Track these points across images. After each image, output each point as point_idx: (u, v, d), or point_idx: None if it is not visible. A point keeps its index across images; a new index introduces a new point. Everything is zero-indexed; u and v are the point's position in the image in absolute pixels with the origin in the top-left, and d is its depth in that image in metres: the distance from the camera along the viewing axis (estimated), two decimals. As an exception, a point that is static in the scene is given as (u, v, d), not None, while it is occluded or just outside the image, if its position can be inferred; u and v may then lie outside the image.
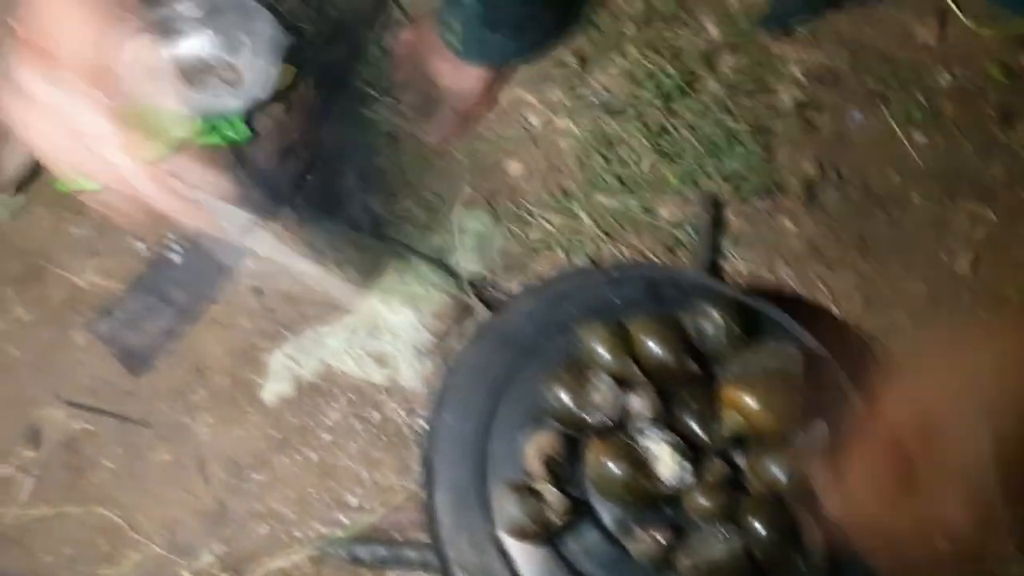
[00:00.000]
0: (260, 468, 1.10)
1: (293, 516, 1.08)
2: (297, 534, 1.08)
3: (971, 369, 0.58)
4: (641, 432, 0.88)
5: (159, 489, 1.09)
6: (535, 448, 0.89)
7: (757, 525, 0.85)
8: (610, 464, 0.87)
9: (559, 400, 0.90)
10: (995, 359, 0.57)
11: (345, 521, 1.07)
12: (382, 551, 1.04)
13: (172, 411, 1.12)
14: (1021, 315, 0.62)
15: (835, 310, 1.17)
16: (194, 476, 1.09)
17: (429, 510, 0.90)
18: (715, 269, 1.15)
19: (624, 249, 1.18)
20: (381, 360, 1.13)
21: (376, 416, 1.12)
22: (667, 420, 0.90)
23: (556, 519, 0.85)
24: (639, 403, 0.90)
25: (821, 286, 1.19)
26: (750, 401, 0.88)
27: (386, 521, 1.07)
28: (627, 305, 0.98)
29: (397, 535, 1.06)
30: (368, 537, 1.06)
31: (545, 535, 0.86)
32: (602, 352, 0.92)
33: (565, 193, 1.21)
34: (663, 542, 0.85)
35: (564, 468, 0.89)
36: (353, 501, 1.09)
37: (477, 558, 0.87)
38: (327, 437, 1.11)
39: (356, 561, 1.04)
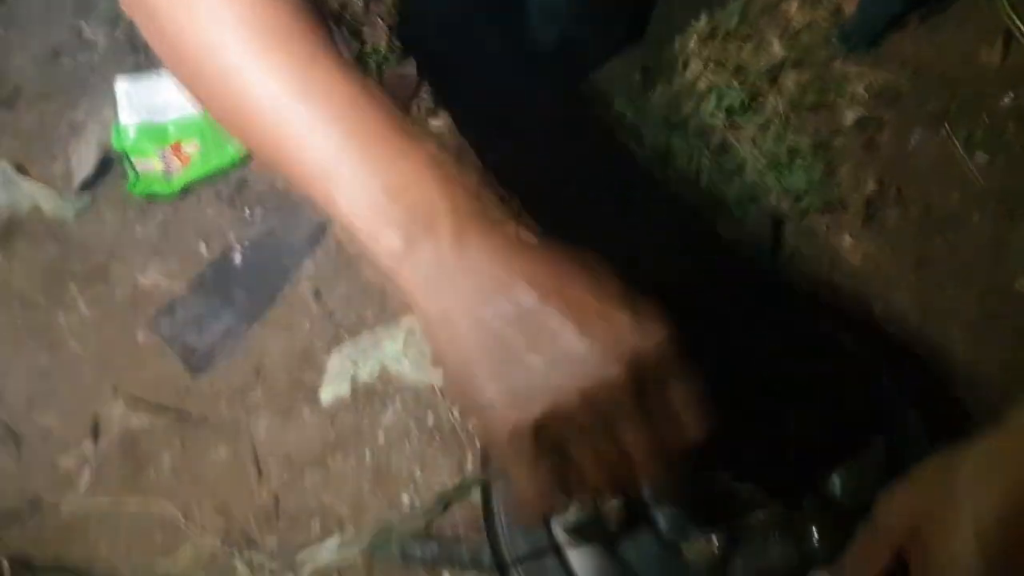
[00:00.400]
0: (315, 466, 1.11)
1: (347, 513, 1.09)
2: (349, 530, 1.08)
3: (969, 489, 0.60)
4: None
5: (215, 484, 1.10)
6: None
7: (815, 535, 0.84)
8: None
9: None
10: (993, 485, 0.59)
11: (397, 520, 1.07)
12: (435, 548, 1.04)
13: (230, 409, 1.13)
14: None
15: (892, 328, 1.16)
16: (250, 472, 1.10)
17: (487, 506, 0.90)
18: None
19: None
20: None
21: (431, 418, 1.13)
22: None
23: (612, 519, 0.85)
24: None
25: (877, 302, 1.18)
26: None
27: (439, 520, 1.07)
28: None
29: (450, 533, 1.06)
30: (421, 535, 1.06)
31: (601, 535, 0.85)
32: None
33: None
34: (718, 546, 0.85)
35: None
36: (406, 500, 1.09)
37: (534, 557, 0.87)
38: (382, 438, 1.12)
39: (407, 559, 1.05)
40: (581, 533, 0.86)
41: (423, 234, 0.57)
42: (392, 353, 1.15)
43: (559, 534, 0.88)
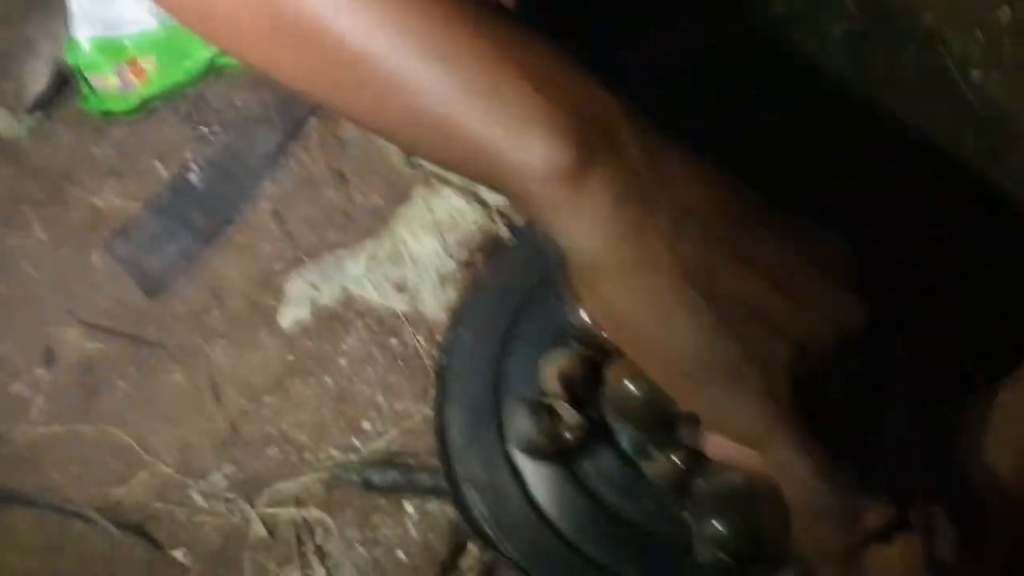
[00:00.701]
0: (274, 392, 1.07)
1: (306, 440, 1.05)
2: (310, 458, 1.04)
3: None
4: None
5: (171, 411, 1.06)
6: (552, 366, 0.85)
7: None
8: (629, 383, 0.82)
9: (580, 319, 0.86)
10: None
11: (359, 446, 1.03)
12: (395, 476, 1.00)
13: (187, 334, 1.09)
14: None
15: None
16: (207, 399, 1.06)
17: (440, 427, 0.86)
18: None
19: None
20: (402, 287, 1.09)
21: (395, 343, 1.08)
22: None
23: (570, 436, 0.81)
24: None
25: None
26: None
27: (401, 447, 1.03)
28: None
29: (412, 461, 1.02)
30: (382, 463, 1.02)
31: (558, 453, 0.81)
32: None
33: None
34: (680, 464, 0.80)
35: (582, 388, 0.85)
36: (368, 427, 1.05)
37: (488, 475, 0.83)
38: (344, 363, 1.08)
39: (368, 486, 1.01)
40: (538, 452, 0.81)
41: (603, 146, 0.46)
42: (354, 276, 1.10)
43: (515, 454, 0.83)
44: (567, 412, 0.82)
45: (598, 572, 0.82)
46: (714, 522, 0.77)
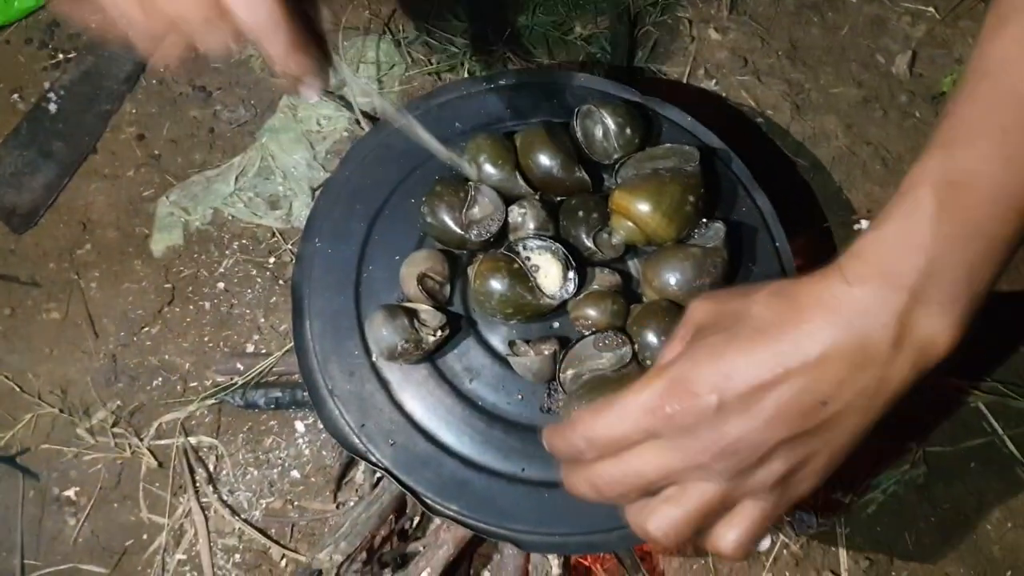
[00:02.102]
0: (152, 321, 1.04)
1: (188, 367, 1.02)
2: (193, 384, 1.02)
3: None
4: (524, 245, 0.81)
5: (50, 348, 1.03)
6: (411, 268, 0.82)
7: (648, 333, 0.78)
8: (492, 280, 0.80)
9: (438, 217, 0.83)
10: None
11: (242, 368, 1.00)
12: (277, 394, 0.98)
13: (59, 268, 1.06)
14: None
15: (760, 120, 1.08)
16: (85, 333, 1.03)
17: (299, 340, 0.83)
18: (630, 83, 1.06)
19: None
20: (274, 202, 1.05)
21: (273, 262, 1.05)
22: (554, 232, 0.83)
23: (433, 338, 0.79)
24: (522, 215, 0.82)
25: (747, 96, 1.10)
26: (640, 205, 0.80)
27: (288, 366, 1.01)
28: (515, 115, 0.90)
29: (297, 378, 1.00)
30: (266, 382, 1.00)
31: (420, 354, 0.79)
32: (485, 165, 0.84)
33: (470, 13, 1.12)
34: (547, 355, 0.78)
35: (443, 287, 0.83)
36: (250, 348, 1.03)
37: (351, 385, 0.81)
38: (222, 286, 1.05)
39: (252, 407, 0.99)
40: (402, 357, 0.79)
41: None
42: (225, 195, 1.06)
43: (379, 361, 0.81)
44: (426, 312, 0.80)
45: (471, 469, 0.81)
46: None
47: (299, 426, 1.01)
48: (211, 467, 1.01)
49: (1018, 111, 0.55)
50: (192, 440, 1.01)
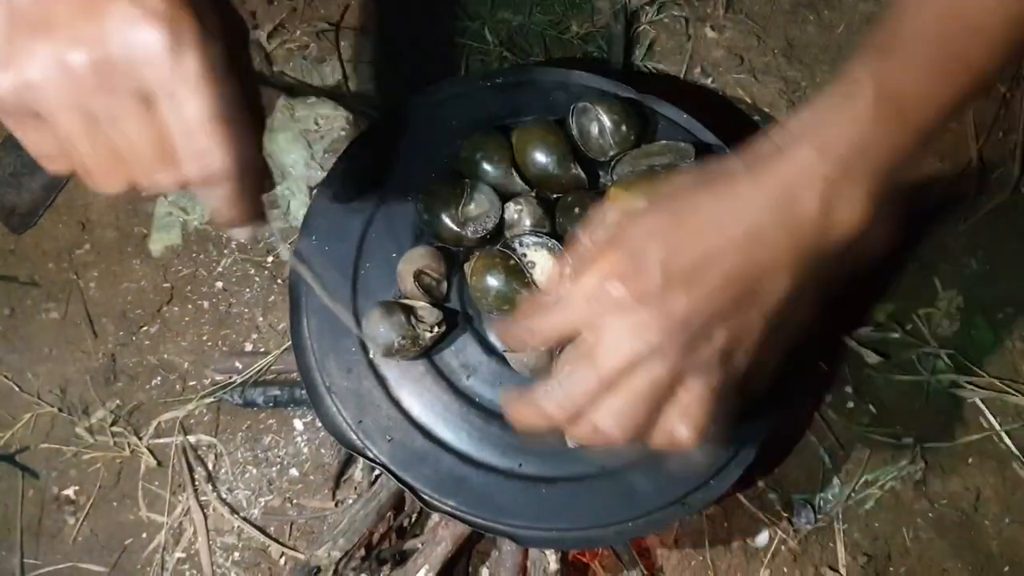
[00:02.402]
0: (151, 320, 1.04)
1: (187, 366, 1.03)
2: (192, 383, 1.02)
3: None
4: (520, 241, 0.81)
5: (49, 348, 1.03)
6: (408, 265, 0.82)
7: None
8: (488, 276, 0.80)
9: (435, 214, 0.83)
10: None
11: (240, 367, 1.00)
12: (276, 392, 0.98)
13: (58, 268, 1.06)
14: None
15: (757, 118, 1.08)
16: (84, 333, 1.04)
17: (297, 338, 0.84)
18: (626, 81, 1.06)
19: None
20: (273, 202, 1.05)
21: (269, 260, 1.06)
22: (551, 229, 0.83)
23: (430, 335, 0.79)
24: (518, 212, 0.83)
25: (743, 94, 1.10)
26: (635, 200, 0.80)
27: (287, 365, 1.01)
28: (513, 112, 0.90)
29: (295, 376, 1.00)
30: (264, 380, 1.00)
31: (418, 350, 0.80)
32: (482, 163, 0.85)
33: (467, 13, 1.12)
34: (543, 351, 0.79)
35: (440, 284, 0.83)
36: (249, 347, 1.03)
37: (348, 382, 0.81)
38: (220, 285, 1.06)
39: (251, 406, 0.99)
40: (394, 350, 0.79)
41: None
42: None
43: (376, 357, 0.81)
44: (423, 308, 0.80)
45: (469, 465, 0.81)
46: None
47: (298, 424, 1.02)
48: (210, 466, 1.01)
49: (956, 21, 0.59)
50: (191, 439, 1.01)
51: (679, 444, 0.58)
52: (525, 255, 0.80)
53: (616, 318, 0.56)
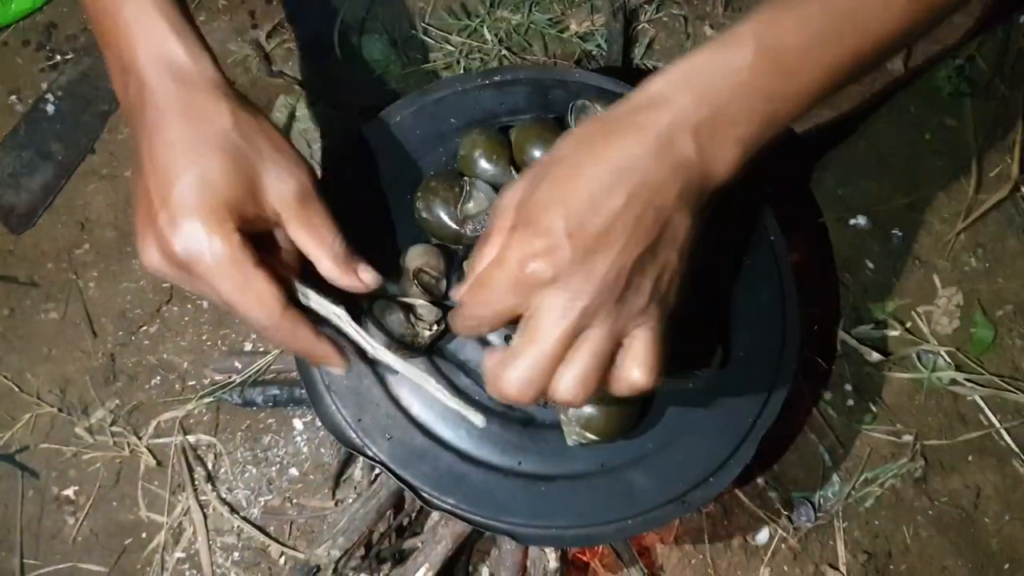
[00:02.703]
0: (150, 320, 1.04)
1: (186, 366, 1.03)
2: (191, 383, 1.02)
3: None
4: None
5: (48, 348, 1.03)
6: (407, 264, 0.82)
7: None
8: (487, 274, 0.79)
9: (433, 213, 0.83)
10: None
11: (240, 366, 1.00)
12: (275, 391, 0.98)
13: (57, 268, 1.06)
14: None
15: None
16: (83, 333, 1.04)
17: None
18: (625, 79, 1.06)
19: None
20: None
21: (270, 259, 1.05)
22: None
23: (426, 331, 0.79)
24: (518, 209, 0.82)
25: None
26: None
27: (286, 364, 1.01)
28: (511, 111, 0.90)
29: (295, 376, 1.00)
30: (264, 380, 1.00)
31: (417, 349, 0.79)
32: (480, 161, 0.85)
33: (466, 11, 1.12)
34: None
35: (439, 282, 0.83)
36: (248, 346, 1.03)
37: (348, 380, 0.81)
38: (220, 284, 1.04)
39: (250, 405, 0.99)
40: (397, 352, 0.79)
41: None
42: (223, 193, 1.06)
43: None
44: (422, 307, 0.80)
45: (468, 463, 0.81)
46: (584, 406, 0.76)
47: (297, 424, 1.02)
48: (210, 465, 1.01)
49: None
50: (191, 439, 1.01)
51: (640, 388, 0.62)
52: (524, 253, 0.80)
53: (545, 297, 0.59)
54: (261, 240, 0.66)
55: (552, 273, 0.59)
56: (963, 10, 1.03)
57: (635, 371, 0.61)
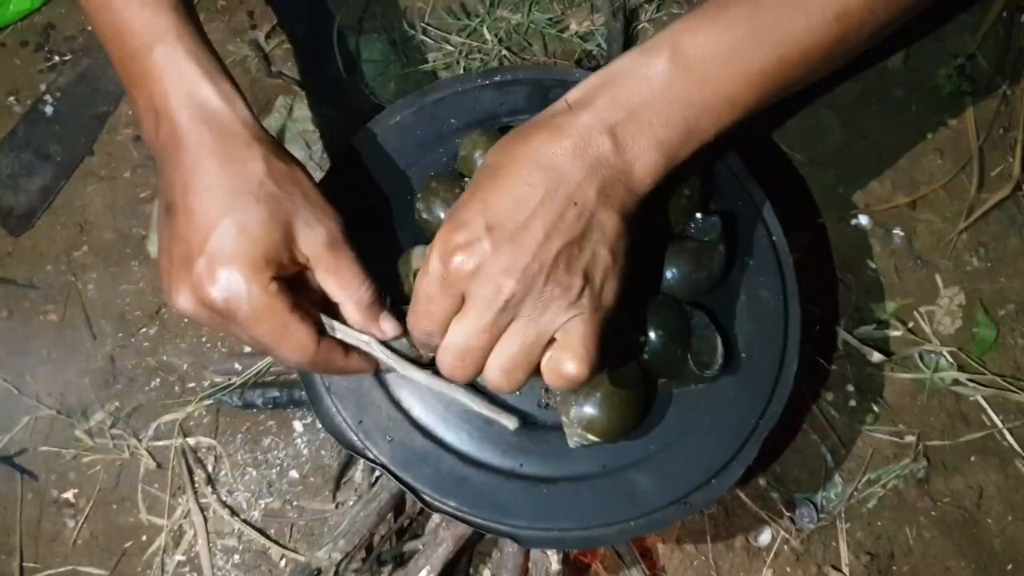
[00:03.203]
0: (150, 322, 1.04)
1: (186, 368, 1.02)
2: (191, 385, 1.02)
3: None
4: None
5: (47, 350, 1.03)
6: (408, 265, 0.82)
7: (648, 328, 0.78)
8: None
9: (434, 214, 0.83)
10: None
11: (240, 368, 1.00)
12: (275, 393, 0.98)
13: (56, 270, 1.05)
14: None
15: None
16: (83, 335, 1.03)
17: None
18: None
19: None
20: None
21: (269, 260, 1.04)
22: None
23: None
24: (519, 210, 0.82)
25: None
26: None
27: (278, 367, 1.00)
28: (511, 111, 0.90)
29: (294, 377, 1.00)
30: (263, 382, 1.00)
31: (418, 353, 0.79)
32: (480, 161, 0.84)
33: (466, 11, 1.12)
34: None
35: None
36: (247, 348, 1.02)
37: (348, 381, 0.81)
38: (220, 286, 1.04)
39: (250, 407, 0.99)
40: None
41: None
42: (222, 195, 1.05)
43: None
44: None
45: (469, 465, 0.81)
46: (585, 407, 0.76)
47: (297, 426, 1.01)
48: (210, 468, 1.01)
49: None
50: (190, 441, 1.01)
51: (571, 379, 0.65)
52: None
53: (470, 287, 0.63)
54: (291, 279, 0.68)
55: (474, 264, 0.62)
56: (966, 9, 1.03)
57: (568, 363, 0.64)
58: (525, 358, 0.65)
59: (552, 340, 0.66)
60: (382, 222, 0.86)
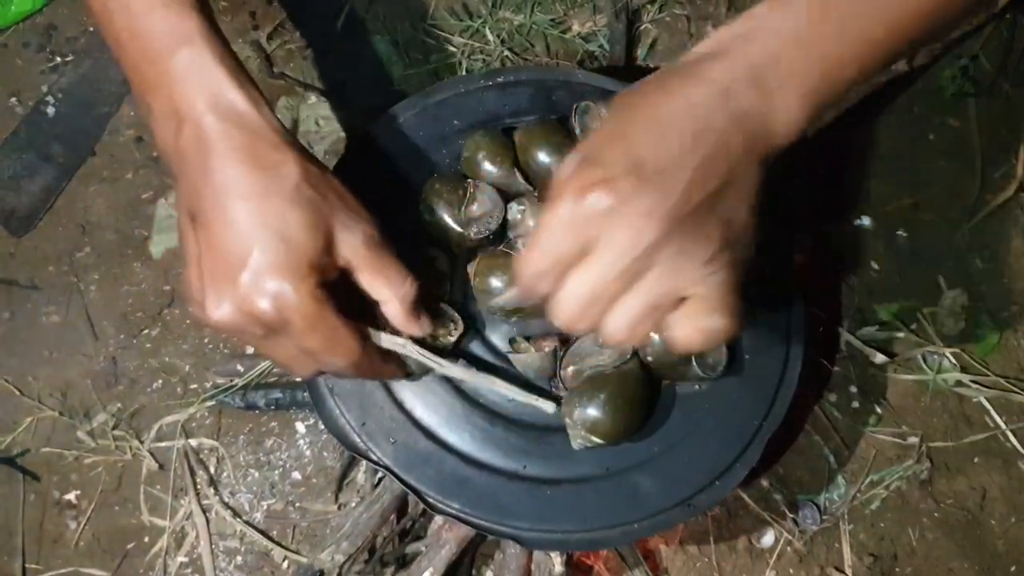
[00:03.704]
0: (152, 323, 1.03)
1: (188, 369, 1.02)
2: (193, 386, 1.02)
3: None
4: (523, 242, 0.81)
5: (49, 351, 1.03)
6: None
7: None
8: (491, 277, 0.80)
9: (437, 215, 0.83)
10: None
11: (242, 369, 1.00)
12: (277, 394, 0.98)
13: (58, 271, 1.05)
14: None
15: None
16: (85, 336, 1.03)
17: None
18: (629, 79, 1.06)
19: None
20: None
21: (272, 261, 1.04)
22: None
23: (448, 336, 0.79)
24: (521, 212, 0.82)
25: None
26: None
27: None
28: (514, 112, 0.89)
29: (296, 379, 0.99)
30: (266, 383, 1.00)
31: (442, 352, 0.79)
32: (484, 163, 0.84)
33: (468, 12, 1.12)
34: (547, 352, 0.78)
35: (443, 286, 0.82)
36: (250, 349, 1.03)
37: (351, 383, 0.81)
38: (222, 287, 1.04)
39: (253, 408, 0.99)
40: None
41: None
42: (224, 196, 1.05)
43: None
44: (449, 311, 0.80)
45: (472, 467, 0.80)
46: (589, 409, 0.76)
47: (300, 427, 1.01)
48: (212, 469, 1.00)
49: None
50: (193, 442, 1.01)
51: (719, 334, 0.59)
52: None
53: (605, 228, 0.56)
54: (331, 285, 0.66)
55: (611, 202, 0.55)
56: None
57: (715, 317, 0.59)
58: (655, 311, 0.58)
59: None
60: (385, 224, 0.85)
